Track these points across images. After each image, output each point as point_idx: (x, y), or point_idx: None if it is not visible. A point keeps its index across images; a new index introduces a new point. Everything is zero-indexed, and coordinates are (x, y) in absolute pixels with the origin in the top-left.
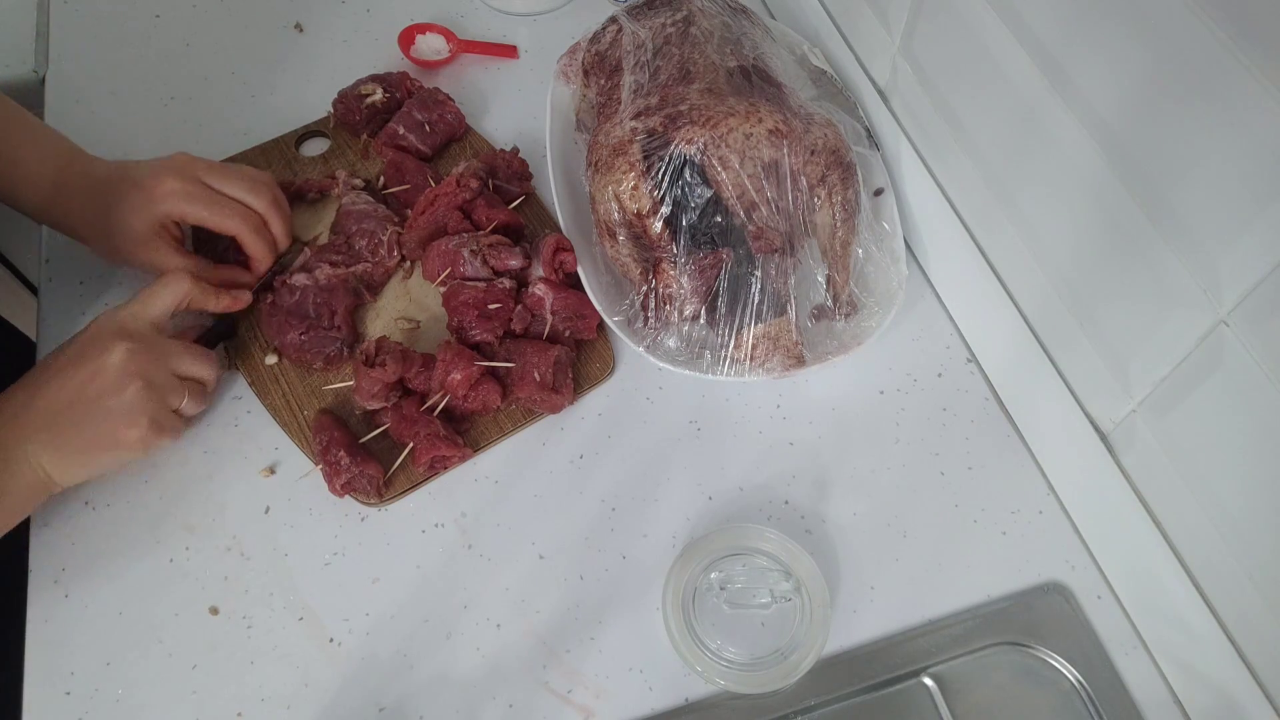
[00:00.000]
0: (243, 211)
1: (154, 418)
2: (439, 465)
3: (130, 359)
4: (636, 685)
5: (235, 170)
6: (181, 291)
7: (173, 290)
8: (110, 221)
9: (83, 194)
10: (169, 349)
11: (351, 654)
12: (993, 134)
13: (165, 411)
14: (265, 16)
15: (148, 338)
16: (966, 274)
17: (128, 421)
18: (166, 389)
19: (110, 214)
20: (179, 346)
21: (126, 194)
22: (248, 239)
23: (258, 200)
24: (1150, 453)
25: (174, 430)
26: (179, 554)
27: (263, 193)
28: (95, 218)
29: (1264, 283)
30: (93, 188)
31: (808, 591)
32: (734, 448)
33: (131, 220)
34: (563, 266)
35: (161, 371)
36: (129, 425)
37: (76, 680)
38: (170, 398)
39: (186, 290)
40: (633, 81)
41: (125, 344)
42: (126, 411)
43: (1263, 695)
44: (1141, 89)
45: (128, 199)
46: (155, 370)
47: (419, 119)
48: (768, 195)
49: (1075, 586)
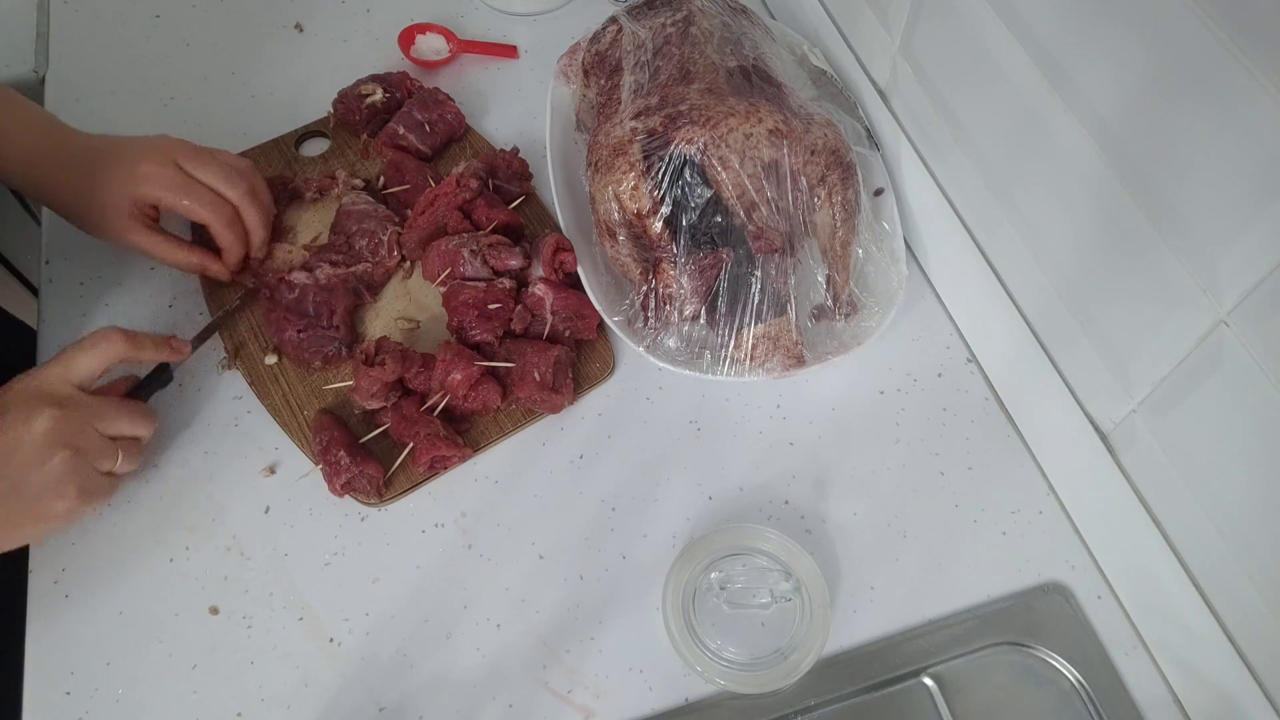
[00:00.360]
0: (215, 201)
1: (82, 487)
2: (439, 465)
3: (54, 426)
4: (636, 685)
5: (214, 157)
6: (112, 353)
7: (101, 351)
8: (90, 196)
9: (65, 165)
10: (97, 410)
11: (351, 654)
12: (993, 134)
13: (95, 477)
14: (265, 16)
15: (73, 399)
16: (966, 274)
17: (54, 493)
18: (96, 453)
19: (91, 188)
20: (109, 405)
21: (106, 169)
22: (218, 229)
23: (232, 190)
24: (1150, 453)
25: (105, 494)
26: (179, 554)
27: (238, 182)
28: (77, 190)
29: (1264, 283)
30: (74, 160)
31: (808, 591)
32: (734, 448)
33: (110, 196)
34: (563, 266)
35: (89, 436)
36: (56, 497)
37: (76, 680)
38: (101, 461)
39: (117, 351)
40: (633, 81)
41: (47, 410)
42: (53, 484)
43: (1263, 695)
44: (1141, 89)
45: (107, 174)
46: (82, 436)
47: (419, 119)
48: (768, 195)
49: (1075, 586)
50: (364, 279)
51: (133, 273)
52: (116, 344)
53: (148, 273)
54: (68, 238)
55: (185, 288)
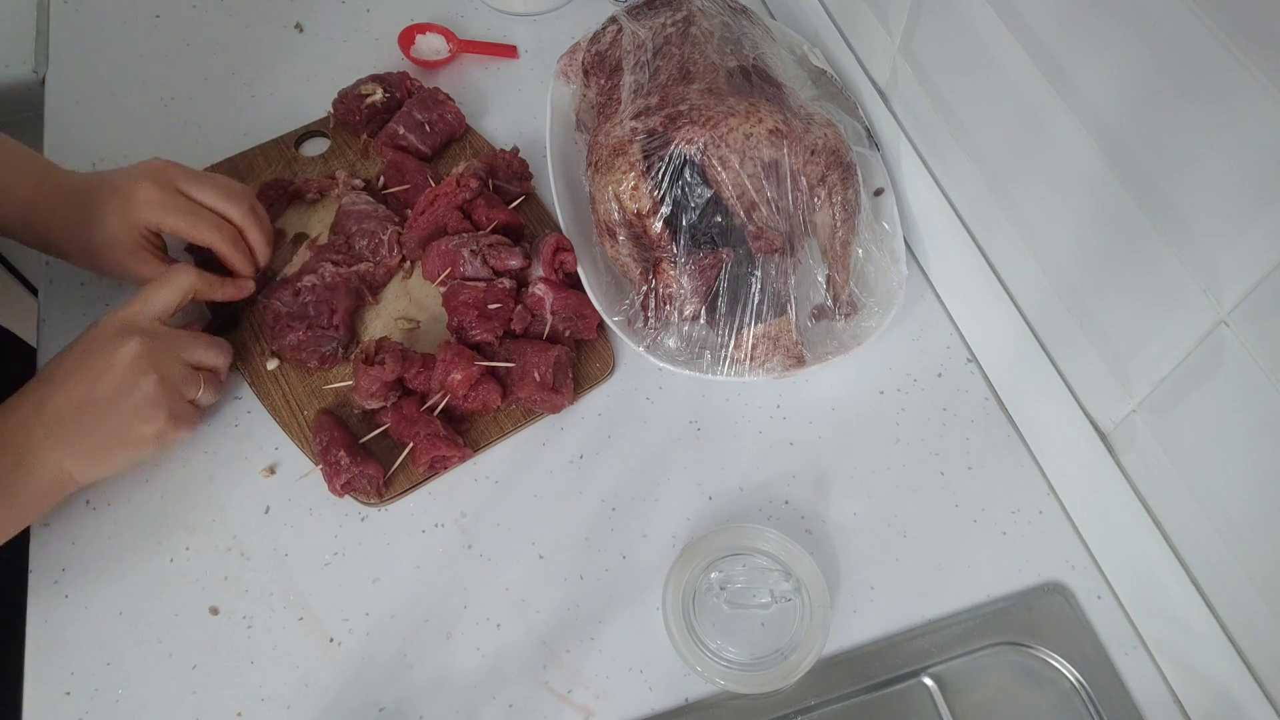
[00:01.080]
0: (219, 223)
1: (171, 410)
2: (439, 465)
3: (142, 353)
4: (636, 685)
5: (212, 179)
6: (185, 285)
7: (175, 284)
8: (91, 231)
9: (61, 206)
10: (180, 339)
11: (351, 654)
12: (993, 134)
13: (181, 403)
14: (265, 16)
15: (156, 331)
16: (966, 274)
17: (144, 416)
18: (182, 380)
19: (91, 223)
20: (189, 336)
21: (105, 201)
22: (224, 250)
23: (234, 210)
24: (1150, 453)
25: (191, 421)
26: (179, 554)
27: (239, 202)
28: (75, 229)
29: (1264, 283)
30: (70, 199)
31: (808, 591)
32: (734, 448)
33: (112, 228)
34: (563, 266)
35: (175, 363)
36: (146, 420)
37: (76, 680)
38: (186, 388)
39: (190, 284)
40: (633, 81)
41: (135, 339)
42: (142, 406)
43: (1263, 695)
44: (1141, 88)
45: (107, 206)
46: (168, 362)
47: (419, 119)
48: (768, 195)
49: (1075, 586)
50: (365, 279)
51: None
52: (191, 278)
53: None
54: None
55: None
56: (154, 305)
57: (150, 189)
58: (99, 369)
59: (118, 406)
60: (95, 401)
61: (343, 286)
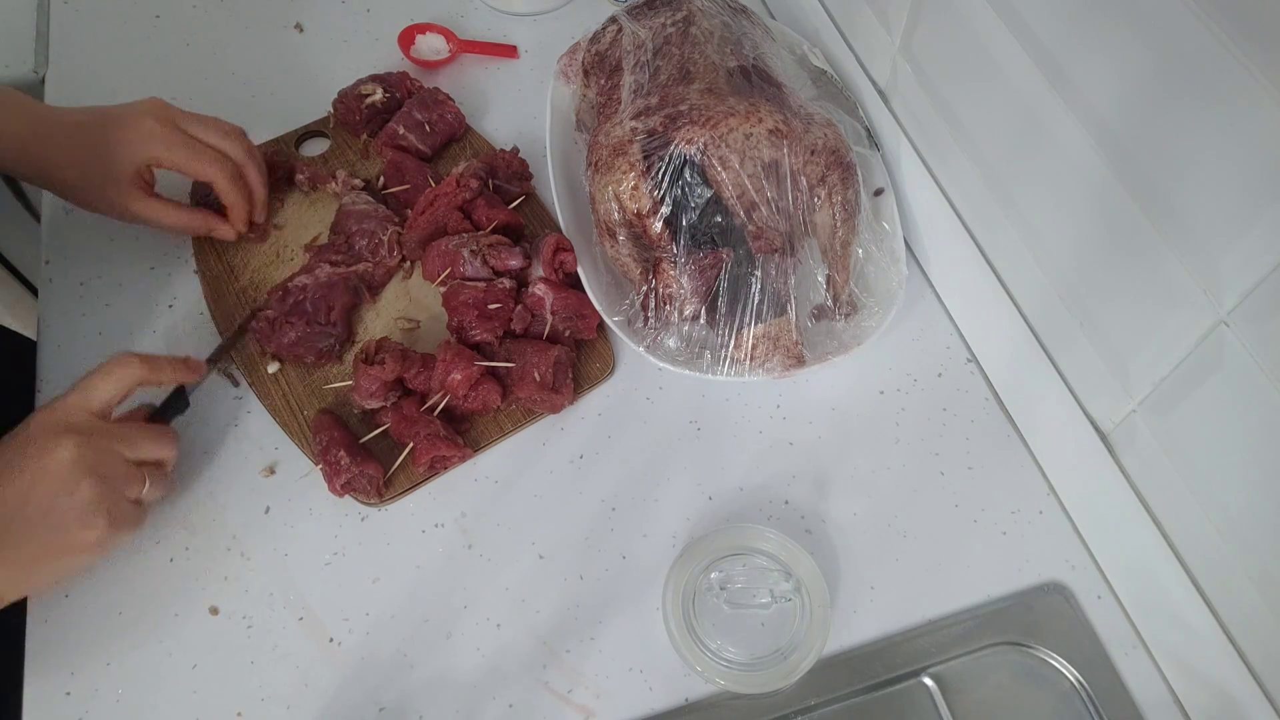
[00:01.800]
0: (220, 158)
1: (111, 515)
2: (439, 465)
3: (78, 455)
4: (636, 685)
5: (210, 119)
6: (130, 378)
7: (119, 376)
8: (92, 163)
9: (60, 139)
10: (121, 434)
11: (351, 654)
12: (993, 134)
13: (123, 504)
14: (265, 16)
15: (94, 426)
16: (966, 274)
17: (83, 523)
18: (123, 480)
19: (91, 155)
20: (131, 430)
21: (106, 134)
22: (224, 186)
23: (233, 147)
24: (1150, 453)
25: (135, 522)
26: (179, 554)
27: (238, 140)
28: (75, 161)
29: (1264, 283)
30: (69, 132)
31: (808, 591)
32: (734, 448)
33: (113, 161)
34: (563, 266)
35: (115, 462)
36: (85, 527)
37: (76, 680)
38: (129, 488)
39: (135, 375)
40: (633, 81)
41: (70, 439)
42: (81, 513)
43: (1263, 695)
44: (1141, 89)
45: (108, 139)
46: (108, 462)
47: (419, 119)
48: (768, 195)
49: (1075, 586)
50: (365, 279)
51: (133, 273)
52: (133, 368)
53: (148, 272)
54: (68, 238)
55: (186, 288)
56: (94, 399)
57: (152, 124)
58: (32, 475)
59: (53, 515)
60: (28, 511)
61: (340, 284)
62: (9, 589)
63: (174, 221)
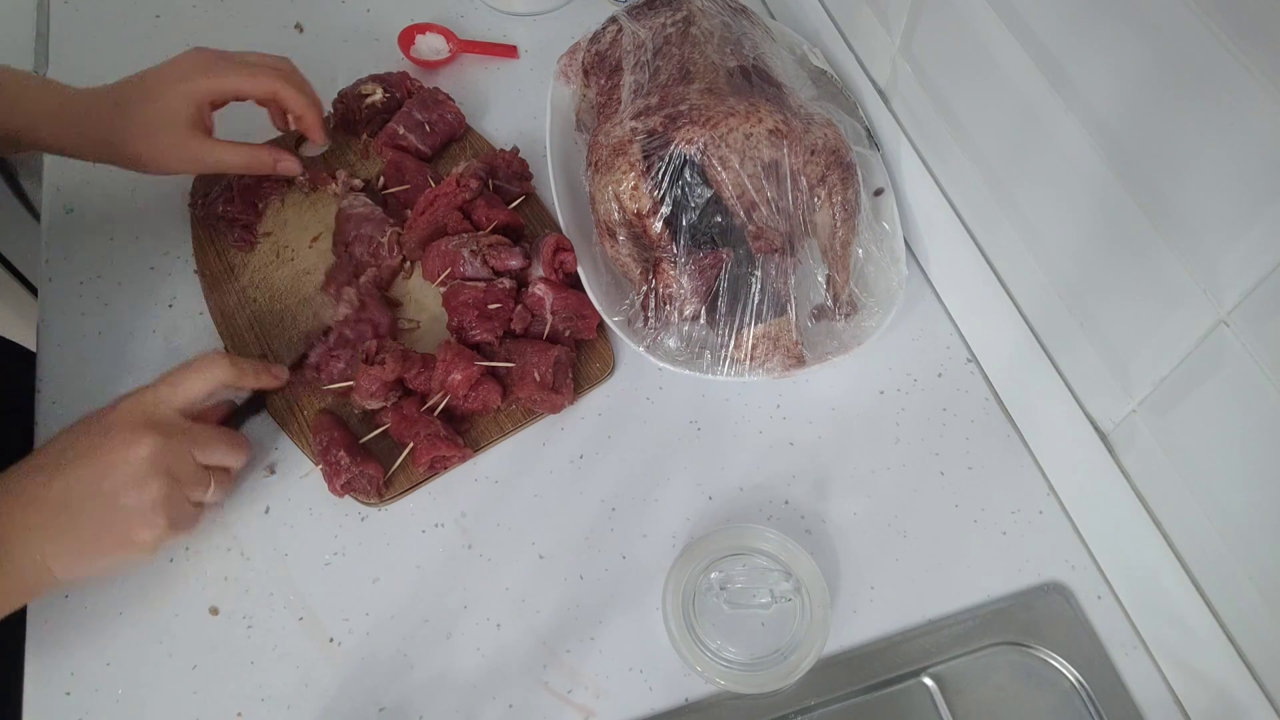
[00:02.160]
0: (275, 71)
1: (172, 516)
2: (439, 465)
3: (156, 454)
4: (636, 685)
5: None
6: (218, 377)
7: (209, 376)
8: (148, 116)
9: (107, 105)
10: (198, 437)
11: (351, 654)
12: (993, 134)
13: (185, 506)
14: (265, 16)
15: (176, 426)
16: (966, 274)
17: (144, 521)
18: (191, 482)
19: (147, 108)
20: (209, 433)
21: (155, 88)
22: (290, 94)
23: (282, 63)
24: (1150, 453)
25: (191, 525)
26: (179, 554)
27: (284, 60)
28: (124, 119)
29: (1264, 283)
30: (112, 95)
31: (808, 591)
32: (734, 448)
33: (169, 108)
34: (563, 266)
35: (187, 464)
36: (146, 526)
37: (76, 680)
38: (194, 491)
39: (223, 375)
40: (633, 81)
41: (152, 436)
42: (145, 510)
43: (1263, 695)
44: (1141, 88)
45: (159, 91)
46: (181, 464)
47: (419, 119)
48: (768, 195)
49: (1075, 586)
50: (379, 285)
51: (132, 272)
52: (222, 369)
53: (147, 272)
54: (68, 237)
55: (186, 288)
56: (180, 395)
57: (195, 59)
58: (107, 464)
59: (118, 508)
60: (98, 496)
61: (370, 299)
62: (60, 568)
63: (242, 159)
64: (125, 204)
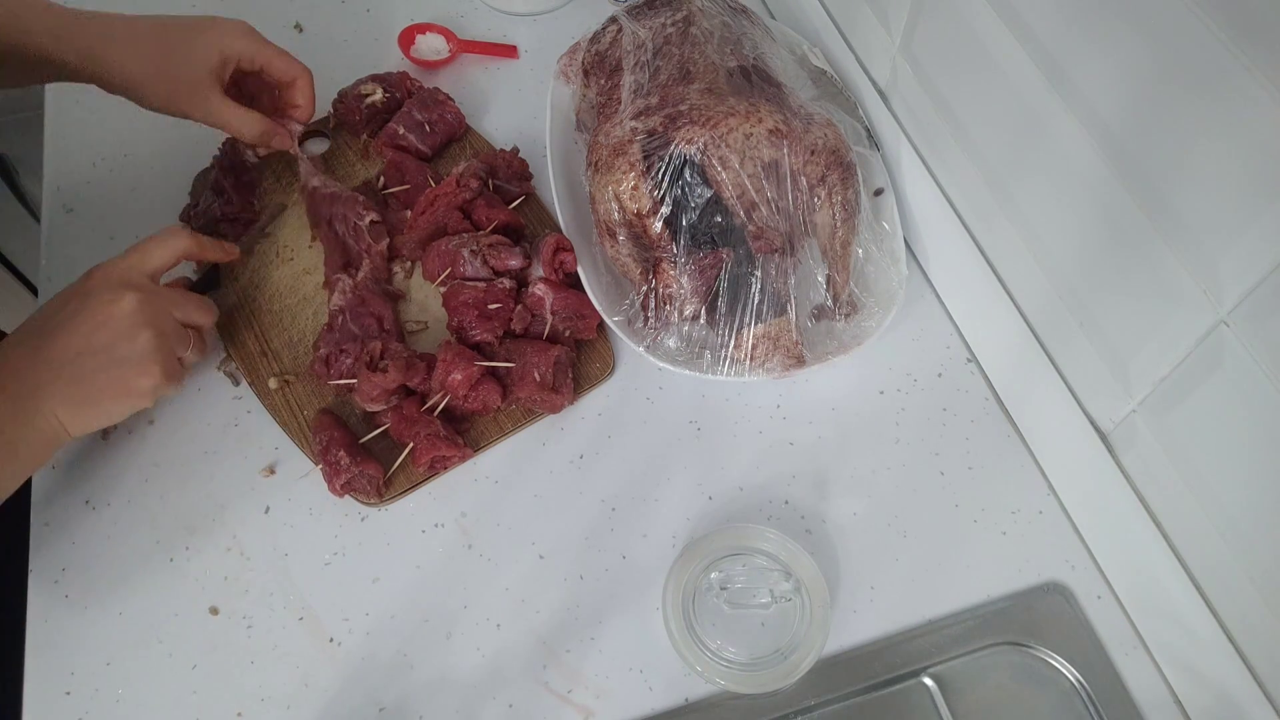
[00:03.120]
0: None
1: (164, 366)
2: (439, 465)
3: (140, 307)
4: (636, 685)
5: None
6: (181, 247)
7: (172, 245)
8: (177, 56)
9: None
10: (173, 297)
11: (351, 654)
12: (993, 134)
13: (174, 359)
14: (265, 16)
15: (150, 287)
16: (966, 274)
17: (140, 370)
18: (175, 336)
19: (173, 55)
20: (180, 294)
21: (189, 34)
22: (304, 83)
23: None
24: (1150, 453)
25: (180, 378)
26: (179, 554)
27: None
28: (158, 58)
29: (1264, 283)
30: (151, 30)
31: (808, 591)
32: (734, 448)
33: (195, 58)
34: (563, 266)
35: (169, 320)
36: (142, 373)
37: (76, 680)
38: (179, 345)
39: (185, 245)
40: (633, 81)
41: (132, 293)
42: (140, 360)
43: (1263, 695)
44: (1141, 88)
45: (191, 39)
46: (163, 319)
47: (419, 119)
48: (768, 195)
49: (1075, 586)
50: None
51: None
52: (184, 240)
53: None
54: (68, 237)
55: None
56: (149, 262)
57: (235, 25)
58: (97, 320)
59: (114, 358)
60: (93, 352)
61: (370, 294)
62: (72, 423)
63: (248, 125)
64: (125, 204)
